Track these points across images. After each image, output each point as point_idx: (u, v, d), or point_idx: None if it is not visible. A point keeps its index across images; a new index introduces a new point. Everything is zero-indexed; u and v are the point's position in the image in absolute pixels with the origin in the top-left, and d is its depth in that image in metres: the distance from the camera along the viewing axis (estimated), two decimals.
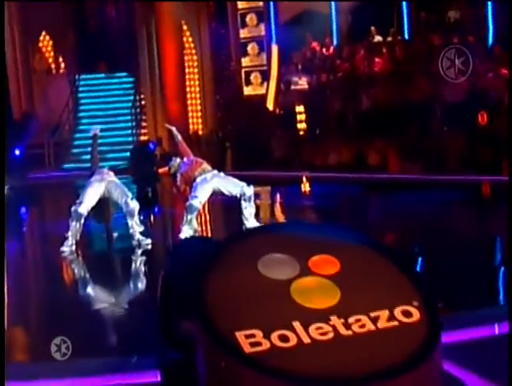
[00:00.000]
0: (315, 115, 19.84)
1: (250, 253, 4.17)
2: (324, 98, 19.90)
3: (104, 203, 10.33)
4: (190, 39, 25.25)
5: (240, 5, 24.17)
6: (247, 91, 24.11)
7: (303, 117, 20.44)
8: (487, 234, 11.27)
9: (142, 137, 23.21)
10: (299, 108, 20.53)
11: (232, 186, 10.43)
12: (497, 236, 10.93)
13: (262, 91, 23.68)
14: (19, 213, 17.55)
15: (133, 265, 10.10)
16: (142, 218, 10.51)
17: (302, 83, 21.49)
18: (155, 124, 23.72)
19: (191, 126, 24.46)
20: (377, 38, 21.21)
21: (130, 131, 23.19)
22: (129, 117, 23.53)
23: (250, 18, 24.10)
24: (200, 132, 24.71)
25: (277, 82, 22.31)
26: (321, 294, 4.05)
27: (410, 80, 18.27)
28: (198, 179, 10.36)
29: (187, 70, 24.67)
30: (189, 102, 24.59)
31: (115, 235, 11.03)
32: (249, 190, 10.40)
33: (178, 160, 10.76)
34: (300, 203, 16.01)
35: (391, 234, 11.84)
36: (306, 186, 18.64)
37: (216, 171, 10.55)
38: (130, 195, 10.32)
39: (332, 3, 22.48)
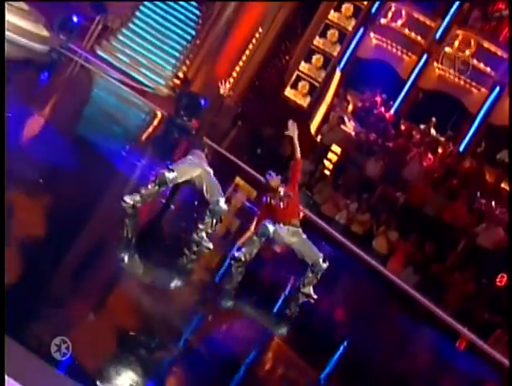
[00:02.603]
0: (346, 164, 17.86)
1: None
2: (364, 155, 17.92)
3: None
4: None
5: (331, 16, 21.95)
6: (288, 92, 21.94)
7: (334, 158, 18.43)
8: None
9: (179, 78, 20.58)
10: (336, 148, 18.50)
11: (309, 252, 8.68)
12: None
13: (302, 102, 21.57)
14: (40, 77, 15.09)
15: (180, 259, 8.22)
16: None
17: (349, 126, 19.43)
18: (193, 68, 21.18)
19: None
20: (432, 131, 19.40)
21: (174, 61, 20.66)
22: (180, 48, 20.98)
23: (332, 34, 21.88)
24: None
25: (327, 109, 20.20)
26: None
27: (452, 197, 16.50)
28: (282, 225, 8.53)
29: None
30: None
31: (172, 207, 9.15)
32: (323, 265, 8.66)
33: (282, 190, 8.69)
34: None
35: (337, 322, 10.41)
36: None
37: (300, 230, 8.72)
38: (222, 194, 8.39)
39: (414, 74, 20.48)
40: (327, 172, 18.13)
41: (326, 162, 18.37)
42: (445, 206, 16.27)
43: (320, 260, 8.61)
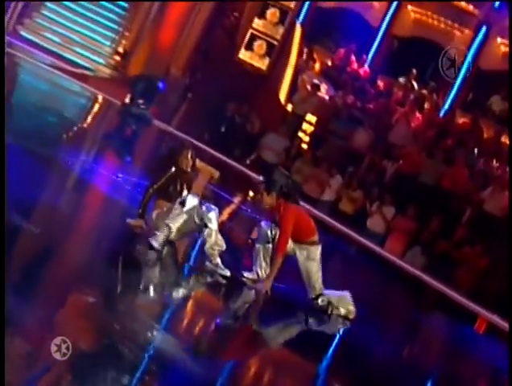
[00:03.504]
0: (325, 135, 17.12)
1: None
2: (343, 122, 17.19)
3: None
4: None
5: None
6: (243, 55, 20.95)
7: (310, 129, 17.64)
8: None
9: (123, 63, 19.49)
10: (311, 118, 17.71)
11: (307, 281, 8.21)
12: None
13: (260, 64, 20.61)
14: None
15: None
16: None
17: (321, 90, 18.62)
18: (133, 39, 20.05)
19: None
20: (414, 84, 18.74)
21: (112, 34, 19.59)
22: (116, 18, 19.89)
23: None
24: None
25: (294, 71, 19.31)
26: None
27: (450, 161, 15.92)
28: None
29: None
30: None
31: None
32: (319, 303, 8.21)
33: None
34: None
35: None
36: None
37: (315, 249, 8.15)
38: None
39: (386, 20, 19.72)
40: (304, 146, 17.37)
41: (302, 135, 17.61)
42: (443, 171, 15.69)
43: (312, 296, 8.13)
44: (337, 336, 8.49)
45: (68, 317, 5.78)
